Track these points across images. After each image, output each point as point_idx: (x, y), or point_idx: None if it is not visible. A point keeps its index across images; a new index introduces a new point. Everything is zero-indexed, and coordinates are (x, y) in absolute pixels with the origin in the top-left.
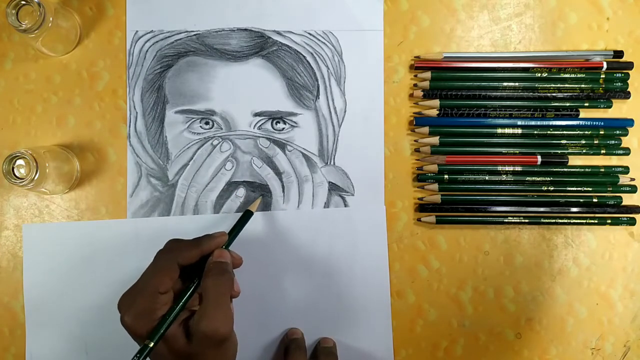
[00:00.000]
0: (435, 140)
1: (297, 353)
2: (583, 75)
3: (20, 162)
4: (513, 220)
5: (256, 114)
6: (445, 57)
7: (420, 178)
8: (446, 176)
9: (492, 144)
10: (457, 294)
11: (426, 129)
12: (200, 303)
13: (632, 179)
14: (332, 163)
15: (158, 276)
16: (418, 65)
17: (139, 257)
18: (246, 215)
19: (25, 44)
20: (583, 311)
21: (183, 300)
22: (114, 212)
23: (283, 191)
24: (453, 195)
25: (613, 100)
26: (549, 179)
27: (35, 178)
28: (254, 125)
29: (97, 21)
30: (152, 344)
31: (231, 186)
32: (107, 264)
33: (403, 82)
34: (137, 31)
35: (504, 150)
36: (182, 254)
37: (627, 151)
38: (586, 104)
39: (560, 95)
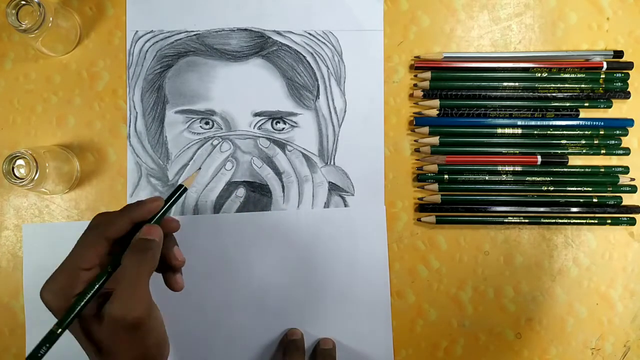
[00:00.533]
0: (435, 140)
1: (296, 355)
2: (583, 75)
3: (20, 162)
4: (513, 220)
5: (256, 114)
6: (445, 57)
7: (420, 178)
8: (446, 176)
9: (492, 144)
10: (457, 294)
11: (426, 129)
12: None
13: (632, 179)
14: (332, 163)
15: (80, 251)
16: (418, 65)
17: None
18: (179, 190)
19: (25, 44)
20: (583, 311)
21: (98, 280)
22: None
23: (283, 191)
24: (453, 195)
25: (613, 100)
26: (549, 179)
27: (35, 178)
28: (254, 125)
29: (97, 21)
30: (59, 331)
31: (231, 186)
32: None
33: (403, 82)
34: (137, 31)
35: (504, 150)
36: (109, 227)
37: (627, 151)
38: (586, 104)
39: (560, 95)
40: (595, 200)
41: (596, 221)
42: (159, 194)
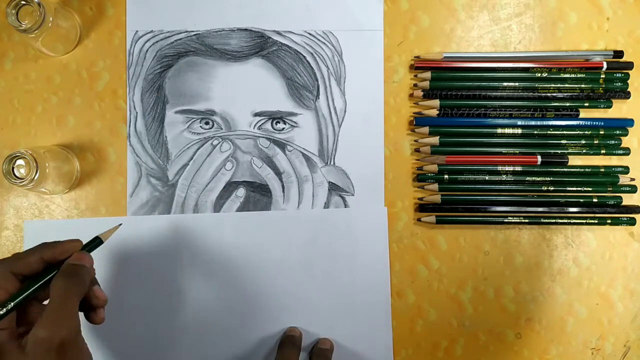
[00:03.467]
0: (435, 140)
1: (290, 349)
2: (583, 75)
3: (20, 162)
4: (513, 220)
5: (256, 114)
6: (445, 57)
7: (420, 178)
8: (446, 176)
9: (492, 144)
10: (457, 294)
11: (426, 129)
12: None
13: (632, 179)
14: (332, 163)
15: None
16: (418, 65)
17: (140, 255)
18: (95, 242)
19: (25, 44)
20: (583, 311)
21: (10, 306)
22: (114, 212)
23: (283, 191)
24: (453, 195)
25: (613, 100)
26: (549, 179)
27: (35, 178)
28: (254, 125)
29: (97, 21)
30: None
31: (231, 186)
32: (108, 262)
33: (403, 82)
34: (137, 31)
35: (504, 150)
36: (17, 262)
37: (627, 151)
38: (586, 104)
39: (560, 95)
40: (595, 200)
41: (596, 221)
42: (159, 194)
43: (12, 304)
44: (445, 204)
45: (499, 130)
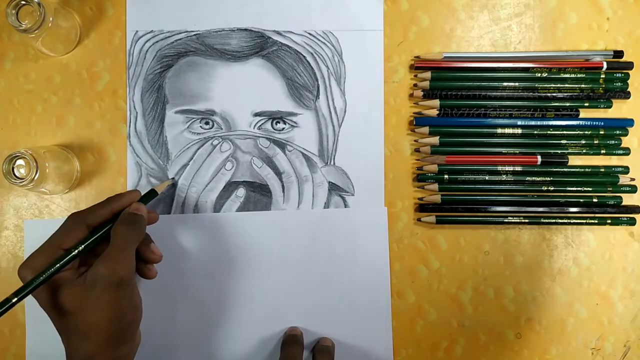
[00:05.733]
0: (435, 140)
1: (294, 347)
2: (583, 75)
3: (20, 162)
4: (513, 220)
5: (256, 114)
6: (445, 57)
7: (420, 178)
8: (446, 176)
9: (492, 144)
10: (457, 294)
11: (426, 129)
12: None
13: (632, 179)
14: (332, 163)
15: (62, 233)
16: (418, 65)
17: None
18: (150, 194)
19: (25, 44)
20: (583, 311)
21: (66, 255)
22: None
23: (283, 191)
24: (453, 195)
25: (613, 100)
26: (549, 179)
27: (35, 178)
28: (254, 125)
29: (97, 21)
30: (15, 299)
31: (231, 186)
32: None
33: (403, 82)
34: (137, 31)
35: (504, 150)
36: (90, 214)
37: (627, 151)
38: (586, 104)
39: (560, 95)
40: (595, 200)
41: (596, 221)
42: (159, 194)
43: (82, 246)
44: (445, 204)
45: (499, 130)
